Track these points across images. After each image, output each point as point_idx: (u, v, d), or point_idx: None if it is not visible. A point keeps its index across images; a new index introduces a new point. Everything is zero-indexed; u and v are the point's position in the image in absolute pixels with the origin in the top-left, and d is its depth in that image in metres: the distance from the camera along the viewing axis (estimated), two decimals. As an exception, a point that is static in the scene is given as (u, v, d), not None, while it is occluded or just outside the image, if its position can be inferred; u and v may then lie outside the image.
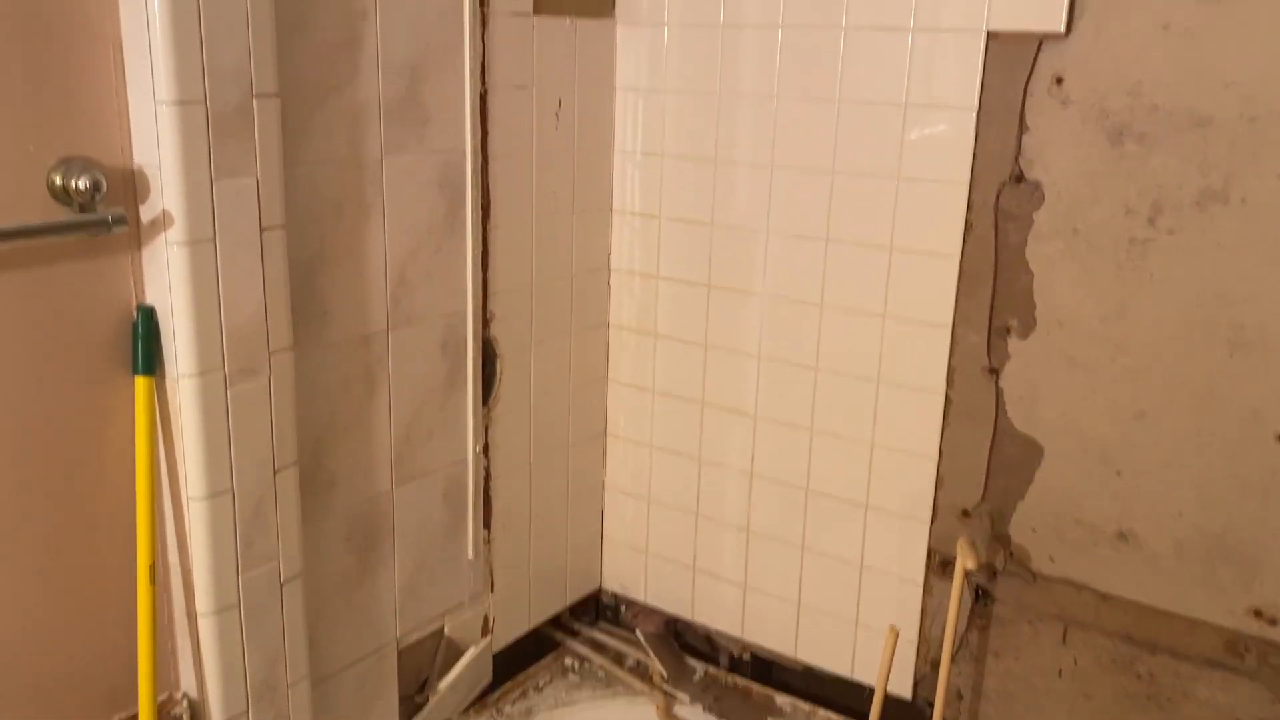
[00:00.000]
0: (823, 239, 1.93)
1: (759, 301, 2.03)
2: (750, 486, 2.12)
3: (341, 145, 1.60)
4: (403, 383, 1.78)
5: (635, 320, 2.21)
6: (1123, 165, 1.65)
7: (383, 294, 1.71)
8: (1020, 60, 1.69)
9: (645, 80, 2.07)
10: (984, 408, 1.84)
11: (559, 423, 2.17)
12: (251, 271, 1.44)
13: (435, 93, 1.72)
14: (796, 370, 2.01)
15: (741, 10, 1.93)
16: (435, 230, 1.78)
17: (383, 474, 1.79)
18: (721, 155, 2.02)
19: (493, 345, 1.97)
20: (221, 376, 1.44)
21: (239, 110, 1.38)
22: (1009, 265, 1.77)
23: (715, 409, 2.14)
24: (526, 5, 1.87)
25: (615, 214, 2.18)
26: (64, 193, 1.29)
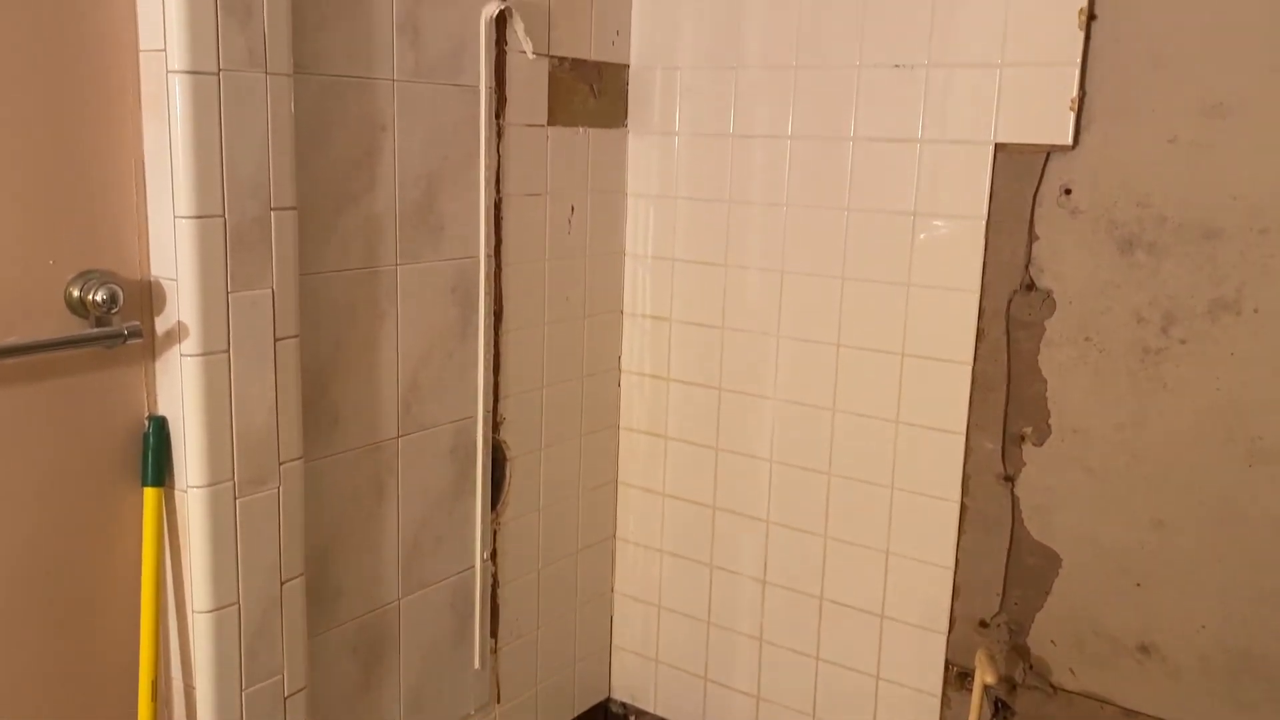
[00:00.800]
0: (834, 344, 1.93)
1: (771, 405, 2.02)
2: (763, 594, 2.09)
3: (357, 254, 1.61)
4: (412, 490, 1.77)
5: (646, 422, 2.20)
6: (1133, 274, 1.65)
7: (394, 400, 1.71)
8: (1028, 171, 1.71)
9: (656, 187, 2.10)
10: (1000, 516, 1.81)
11: (568, 527, 2.15)
12: (264, 382, 1.44)
13: (451, 202, 1.74)
14: (810, 475, 1.99)
15: (751, 122, 1.96)
16: (448, 336, 1.79)
17: (390, 583, 1.76)
18: (732, 260, 2.03)
19: (502, 449, 1.96)
20: (231, 488, 1.42)
21: (257, 223, 1.40)
22: (1022, 372, 1.76)
23: (727, 513, 2.11)
24: (541, 116, 1.91)
25: (626, 316, 2.19)
26: (81, 305, 1.30)
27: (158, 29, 1.29)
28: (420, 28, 1.64)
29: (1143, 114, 1.61)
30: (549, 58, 1.90)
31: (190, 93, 1.29)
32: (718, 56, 1.98)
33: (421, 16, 1.64)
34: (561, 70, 1.93)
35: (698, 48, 2.00)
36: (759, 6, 1.92)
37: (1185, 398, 1.64)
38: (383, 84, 1.60)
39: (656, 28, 2.04)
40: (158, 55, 1.30)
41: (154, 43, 1.30)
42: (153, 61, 1.30)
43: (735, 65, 1.96)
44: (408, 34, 1.62)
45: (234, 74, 1.33)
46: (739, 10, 1.95)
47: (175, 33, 1.28)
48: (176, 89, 1.29)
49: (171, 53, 1.28)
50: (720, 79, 1.99)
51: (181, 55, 1.28)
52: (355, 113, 1.57)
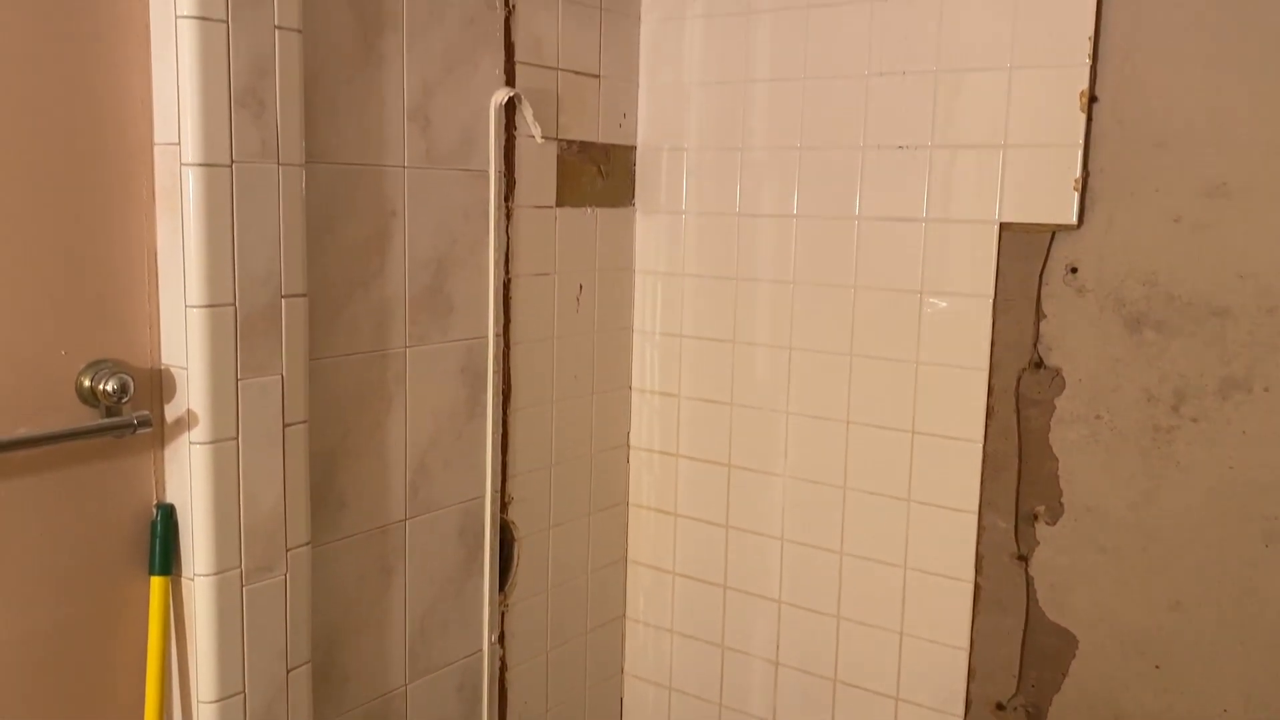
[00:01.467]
0: (843, 420, 1.92)
1: (781, 482, 2.01)
2: (775, 676, 2.05)
3: (366, 338, 1.62)
4: (419, 573, 1.75)
5: (655, 499, 2.19)
6: (1142, 353, 1.65)
7: (402, 483, 1.71)
8: (1034, 250, 1.72)
9: (664, 264, 2.12)
10: (1015, 596, 1.79)
11: (577, 607, 2.13)
12: (272, 468, 1.44)
13: (460, 284, 1.76)
14: (821, 554, 1.98)
15: (757, 201, 1.98)
16: (456, 416, 1.79)
17: (396, 669, 1.73)
18: (740, 336, 2.04)
19: (510, 529, 1.94)
20: (238, 575, 1.42)
21: (267, 310, 1.41)
22: (1033, 451, 1.75)
23: (738, 593, 2.09)
24: (549, 198, 1.93)
25: (635, 393, 2.19)
26: (92, 395, 1.31)
27: (173, 123, 1.31)
28: (431, 116, 1.67)
29: (1147, 194, 1.62)
30: (557, 141, 1.92)
31: (204, 185, 1.31)
32: (723, 138, 2.01)
33: (432, 105, 1.67)
34: (570, 153, 1.95)
35: (704, 129, 2.03)
36: (763, 90, 1.95)
37: (1198, 476, 1.62)
38: (393, 171, 1.62)
39: (663, 110, 2.07)
40: (172, 149, 1.32)
41: (169, 136, 1.32)
42: (167, 155, 1.33)
43: (741, 146, 1.99)
44: (419, 122, 1.65)
45: (247, 165, 1.35)
46: (744, 93, 1.98)
47: (190, 126, 1.30)
48: (190, 181, 1.31)
49: (186, 146, 1.31)
50: (726, 159, 2.01)
51: (196, 148, 1.31)
52: (366, 199, 1.59)
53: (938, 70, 1.76)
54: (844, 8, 1.85)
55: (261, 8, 1.34)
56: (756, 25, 1.95)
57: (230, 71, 1.32)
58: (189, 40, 1.28)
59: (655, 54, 2.07)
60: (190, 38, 1.28)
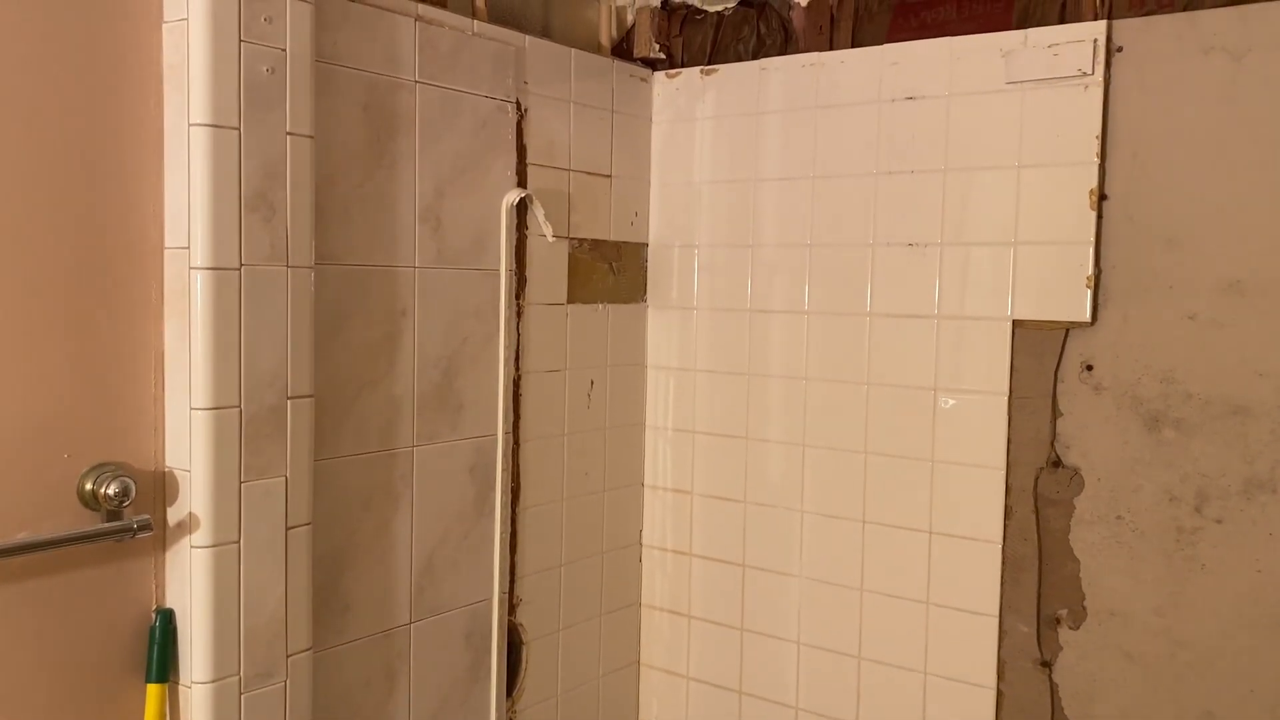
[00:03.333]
0: (859, 520, 1.89)
1: (796, 583, 1.97)
2: (792, 784, 1.98)
3: (374, 437, 1.61)
4: (424, 679, 1.71)
5: (668, 600, 2.14)
6: (1162, 452, 1.61)
7: (407, 585, 1.68)
8: (1048, 347, 1.70)
9: (676, 359, 2.11)
10: (1039, 704, 1.72)
11: (587, 714, 2.07)
12: (274, 572, 1.42)
13: (469, 382, 1.75)
14: (839, 659, 1.92)
15: (770, 297, 1.98)
16: (464, 516, 1.76)
17: (399, 778, 1.68)
18: (753, 433, 2.01)
19: (518, 632, 1.90)
20: (236, 683, 1.38)
21: (273, 413, 1.40)
22: (1054, 552, 1.71)
23: (754, 699, 2.03)
24: (560, 295, 1.93)
25: (647, 489, 2.16)
26: (93, 498, 1.30)
27: (183, 227, 1.33)
28: (442, 217, 1.68)
29: (1160, 291, 1.61)
30: (569, 239, 1.94)
31: (212, 289, 1.32)
32: (734, 235, 2.02)
33: (444, 207, 1.68)
34: (581, 250, 1.96)
35: (715, 226, 2.04)
36: (773, 188, 1.97)
37: (1225, 580, 1.57)
38: (404, 271, 1.63)
39: (674, 208, 2.09)
40: (181, 253, 1.33)
41: (179, 240, 1.34)
42: (176, 259, 1.34)
43: (751, 243, 2.00)
44: (430, 223, 1.66)
45: (256, 268, 1.36)
46: (754, 191, 1.99)
47: (199, 231, 1.32)
48: (199, 285, 1.32)
49: (195, 250, 1.32)
50: (737, 256, 2.02)
51: (205, 253, 1.32)
52: (377, 299, 1.59)
53: (946, 169, 1.77)
54: (852, 109, 1.87)
55: (274, 114, 1.37)
56: (765, 125, 1.97)
57: (241, 177, 1.34)
58: (201, 147, 1.31)
59: (666, 154, 2.10)
60: (202, 145, 1.30)
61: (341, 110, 1.53)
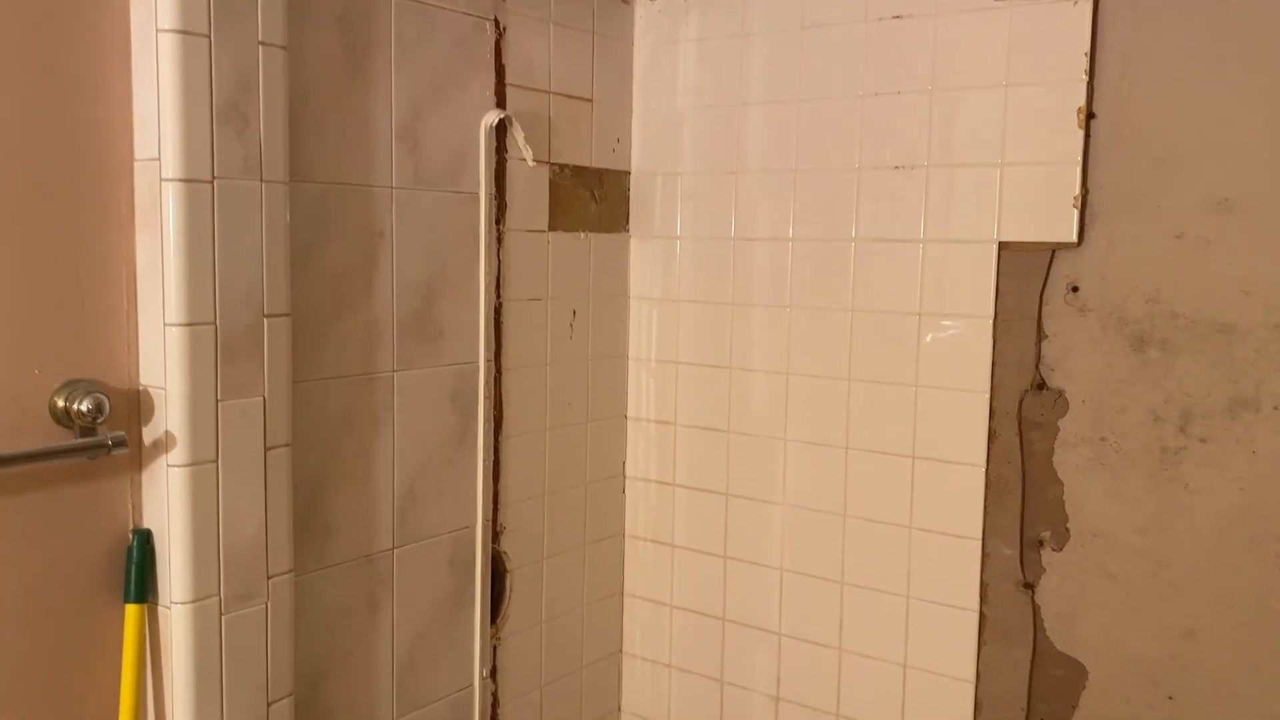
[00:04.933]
0: (842, 446, 1.88)
1: (780, 511, 1.97)
2: (776, 711, 1.99)
3: (353, 361, 1.58)
4: (407, 604, 1.70)
5: (652, 530, 2.14)
6: (1147, 372, 1.61)
7: (390, 510, 1.66)
8: (1034, 269, 1.69)
9: (659, 290, 2.09)
10: (1021, 626, 1.73)
11: (571, 641, 2.07)
12: (254, 493, 1.40)
13: (450, 308, 1.73)
14: (822, 584, 1.92)
15: (753, 225, 1.96)
16: (446, 443, 1.75)
17: (383, 704, 1.68)
18: (736, 362, 2.00)
19: (502, 560, 1.90)
20: (216, 604, 1.37)
21: (249, 331, 1.37)
22: (1037, 475, 1.71)
23: (737, 625, 2.03)
24: (542, 222, 1.90)
25: (630, 421, 2.15)
26: (65, 415, 1.27)
27: (153, 138, 1.29)
28: (420, 136, 1.65)
29: (1147, 210, 1.59)
30: (549, 165, 1.90)
31: (184, 201, 1.29)
32: (718, 161, 1.99)
33: (421, 126, 1.65)
34: (562, 177, 1.93)
35: (698, 153, 2.01)
36: (757, 113, 1.94)
37: (1209, 499, 1.58)
38: (381, 191, 1.60)
39: (657, 134, 2.06)
40: (152, 164, 1.30)
41: (149, 152, 1.30)
42: (147, 170, 1.30)
43: (736, 170, 1.97)
44: (407, 142, 1.63)
45: (229, 182, 1.33)
46: (738, 116, 1.96)
47: (170, 142, 1.28)
48: (170, 197, 1.28)
49: (166, 162, 1.28)
50: (721, 183, 1.99)
51: (176, 164, 1.28)
52: (353, 220, 1.56)
53: (933, 89, 1.74)
54: (837, 29, 1.83)
55: (245, 23, 1.33)
56: (750, 47, 1.93)
57: (213, 86, 1.30)
58: (170, 54, 1.26)
59: (649, 78, 2.06)
60: (171, 51, 1.26)
61: (315, 22, 1.48)
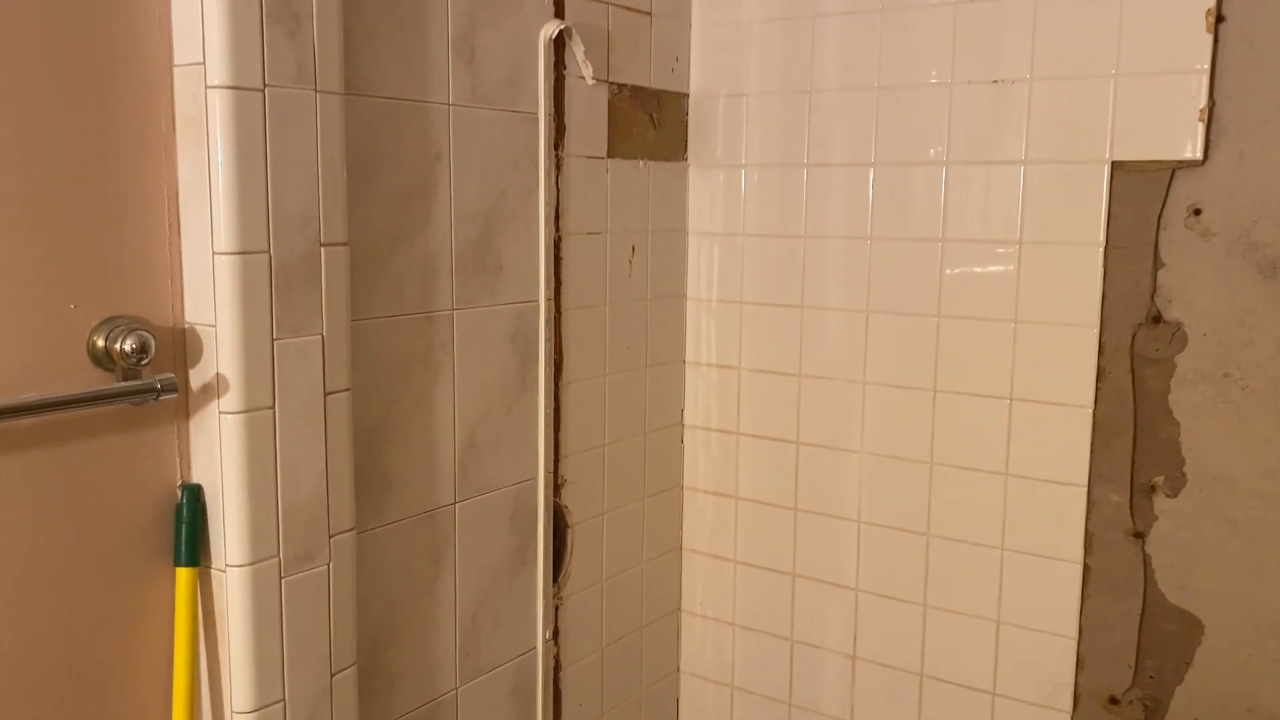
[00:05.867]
0: (929, 389, 1.75)
1: (857, 460, 1.83)
2: (853, 672, 1.87)
3: (411, 298, 1.43)
4: (470, 563, 1.57)
5: (713, 482, 2.00)
6: (1279, 302, 1.48)
7: (451, 462, 1.52)
8: (1151, 191, 1.54)
9: (721, 224, 1.93)
10: (1130, 577, 1.61)
11: (631, 600, 1.94)
12: (313, 443, 1.25)
13: (509, 240, 1.57)
14: (904, 537, 1.80)
15: (828, 149, 1.80)
16: (507, 389, 1.60)
17: (446, 672, 1.55)
18: (809, 300, 1.85)
19: (564, 515, 1.76)
20: (276, 565, 1.23)
21: (305, 261, 1.22)
22: (1151, 415, 1.58)
23: (809, 582, 1.91)
24: (600, 148, 1.74)
25: (689, 366, 2.01)
26: (106, 356, 1.12)
27: (195, 41, 1.13)
28: (476, 48, 1.48)
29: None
30: (608, 84, 1.74)
31: (233, 110, 1.13)
32: (789, 80, 1.83)
33: (478, 36, 1.48)
34: (621, 98, 1.77)
35: (766, 71, 1.85)
36: (834, 25, 1.77)
37: (1346, 438, 1.45)
38: (437, 109, 1.44)
39: (719, 52, 1.89)
40: (195, 70, 1.13)
41: (191, 56, 1.14)
42: (189, 77, 1.14)
43: (809, 89, 1.81)
44: (464, 54, 1.47)
45: (281, 90, 1.17)
46: (812, 29, 1.79)
47: (216, 44, 1.12)
48: (217, 106, 1.12)
49: (211, 66, 1.12)
50: (792, 104, 1.83)
51: (223, 69, 1.12)
52: (409, 139, 1.40)
53: (1038, -6, 1.59)
54: (928, -70, 1.67)
55: (296, -94, 1.16)
56: (826, -46, 1.77)
57: (261, -21, 1.13)
58: (214, -61, 1.10)
59: (711, -9, 1.89)
60: (216, -64, 1.10)
61: (366, -87, 1.31)
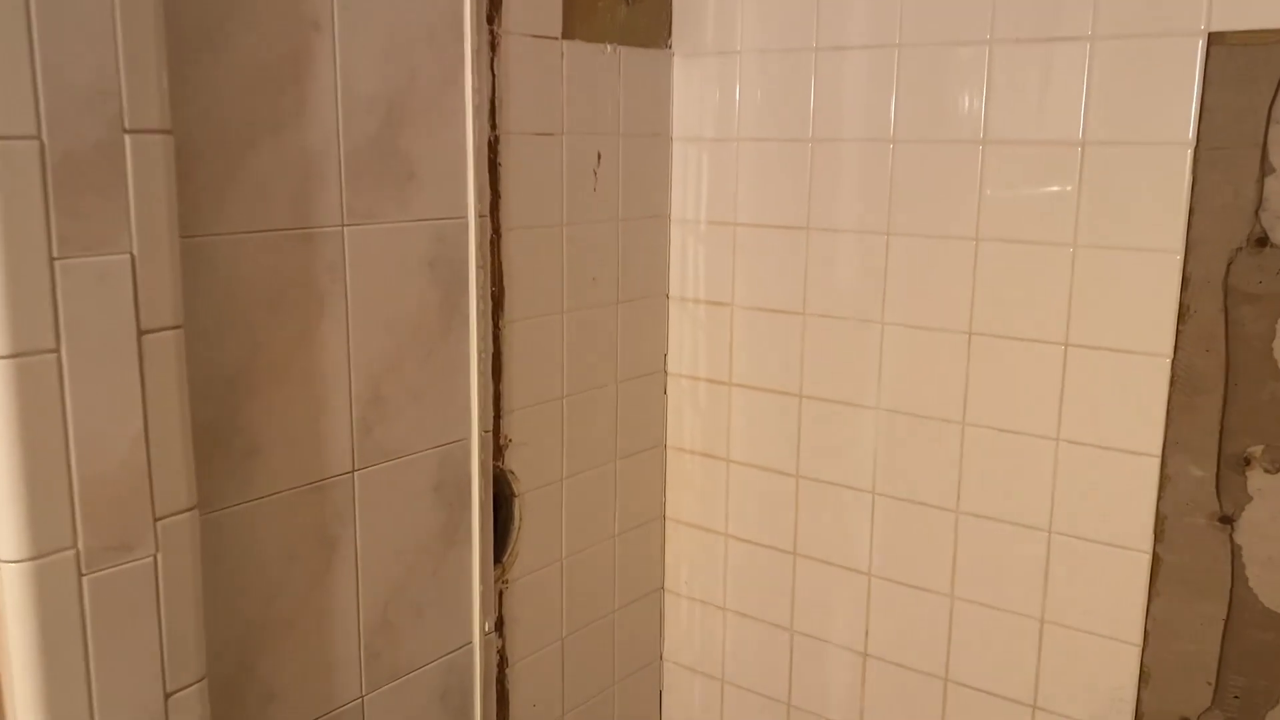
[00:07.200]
0: (962, 330, 1.40)
1: (873, 417, 1.49)
2: (863, 670, 1.56)
3: (281, 210, 1.11)
4: (377, 544, 1.26)
5: (701, 441, 1.68)
6: None
7: (347, 420, 1.21)
8: (1260, 71, 1.17)
9: (711, 127, 1.58)
10: (1213, 572, 1.27)
11: (600, 580, 1.64)
12: (124, 397, 0.94)
13: (423, 138, 1.24)
14: (928, 513, 1.46)
15: (843, 27, 1.44)
16: (425, 329, 1.28)
17: (347, 678, 1.26)
18: (817, 220, 1.51)
19: (508, 481, 1.45)
20: (73, 559, 0.93)
21: (101, 152, 0.90)
22: (1248, 367, 1.22)
23: (813, 563, 1.59)
24: (553, 25, 1.40)
25: (673, 301, 1.67)
26: None
27: None
28: (370, -118, 1.14)
29: None
30: (562, -54, 1.39)
31: (-35, -67, 0.80)
32: (793, -58, 1.46)
33: None
34: (581, -35, 1.42)
35: (765, -67, 1.48)
36: None
37: None
38: (314, -39, 1.10)
39: (708, -89, 1.53)
40: (-86, -125, 0.81)
41: None
42: (-93, -114, 0.81)
43: (818, -48, 1.44)
44: (351, -111, 1.12)
45: (45, -91, 0.84)
46: (822, -125, 1.42)
47: None
48: (-60, -74, 0.80)
49: None
50: (797, -26, 1.46)
51: (-51, -128, 0.79)
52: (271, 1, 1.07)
53: None
54: None
55: None
56: None
57: None
58: None
59: None
60: None
61: None
